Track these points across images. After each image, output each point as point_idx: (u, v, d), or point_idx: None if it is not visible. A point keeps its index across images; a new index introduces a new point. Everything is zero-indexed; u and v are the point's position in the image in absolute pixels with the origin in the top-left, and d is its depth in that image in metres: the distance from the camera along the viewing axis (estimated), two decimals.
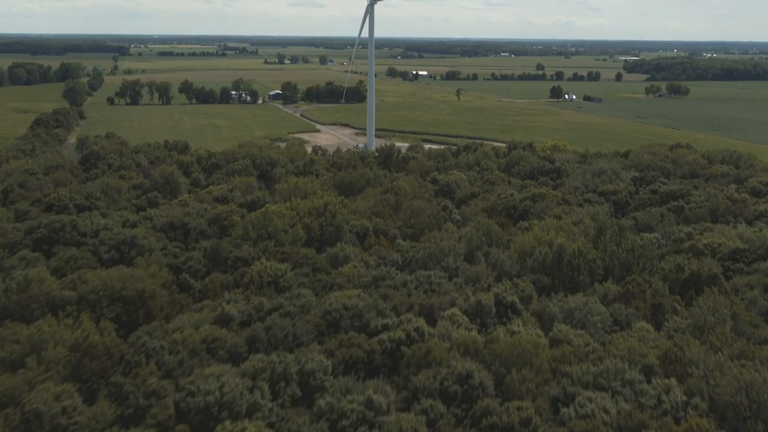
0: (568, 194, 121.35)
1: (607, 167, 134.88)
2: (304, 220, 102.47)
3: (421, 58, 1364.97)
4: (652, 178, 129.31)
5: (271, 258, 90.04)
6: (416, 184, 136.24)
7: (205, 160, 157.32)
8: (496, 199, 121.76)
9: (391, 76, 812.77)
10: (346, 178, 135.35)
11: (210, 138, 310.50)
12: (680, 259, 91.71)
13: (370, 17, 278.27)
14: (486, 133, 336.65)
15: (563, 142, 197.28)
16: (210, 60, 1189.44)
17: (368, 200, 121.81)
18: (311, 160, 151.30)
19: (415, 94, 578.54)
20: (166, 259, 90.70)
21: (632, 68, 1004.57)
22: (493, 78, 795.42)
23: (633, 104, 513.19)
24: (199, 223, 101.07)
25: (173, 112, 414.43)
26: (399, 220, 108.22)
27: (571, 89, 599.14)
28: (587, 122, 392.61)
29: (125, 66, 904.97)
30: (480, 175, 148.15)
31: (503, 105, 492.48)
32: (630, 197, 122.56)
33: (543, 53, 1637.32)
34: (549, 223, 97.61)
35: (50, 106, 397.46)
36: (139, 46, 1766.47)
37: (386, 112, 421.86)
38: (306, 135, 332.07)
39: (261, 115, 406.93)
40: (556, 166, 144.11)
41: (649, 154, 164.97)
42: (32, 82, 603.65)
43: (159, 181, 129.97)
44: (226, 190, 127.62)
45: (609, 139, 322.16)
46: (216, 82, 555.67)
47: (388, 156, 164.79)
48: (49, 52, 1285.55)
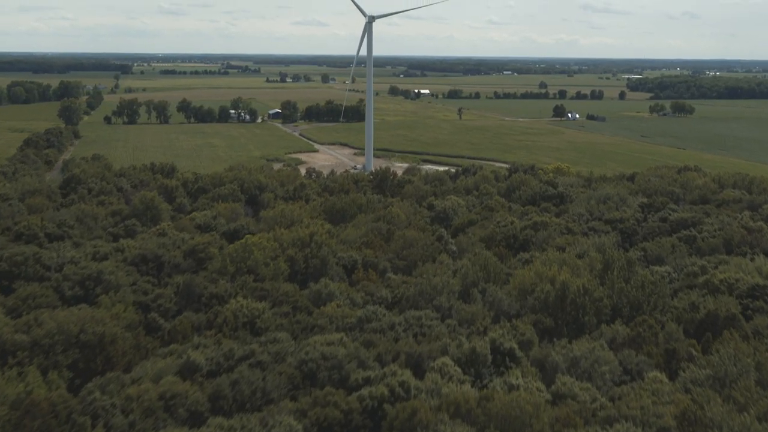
0: (572, 222, 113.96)
1: (613, 192, 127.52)
2: (288, 251, 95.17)
3: (424, 77, 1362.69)
4: (660, 204, 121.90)
5: (248, 295, 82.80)
6: (411, 210, 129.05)
7: (192, 184, 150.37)
8: (495, 227, 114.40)
9: (393, 94, 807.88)
10: (337, 204, 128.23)
11: (205, 158, 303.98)
12: (694, 297, 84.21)
13: (369, 35, 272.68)
14: (487, 153, 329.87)
15: (566, 165, 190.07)
16: (212, 78, 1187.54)
17: (359, 228, 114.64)
18: (301, 184, 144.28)
19: (417, 112, 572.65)
20: (135, 296, 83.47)
21: (636, 86, 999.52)
22: (496, 96, 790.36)
23: (637, 123, 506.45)
24: (173, 255, 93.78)
25: (170, 131, 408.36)
26: (390, 252, 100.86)
27: (574, 108, 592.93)
28: (591, 142, 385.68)
29: (126, 84, 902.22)
30: (479, 200, 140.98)
31: (505, 124, 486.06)
32: (638, 225, 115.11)
33: (546, 71, 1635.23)
34: (551, 256, 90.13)
35: (46, 125, 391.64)
36: (142, 65, 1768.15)
37: (386, 131, 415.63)
38: (304, 155, 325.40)
39: (259, 134, 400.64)
40: (559, 191, 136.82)
41: (656, 178, 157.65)
42: (31, 100, 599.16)
43: (138, 207, 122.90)
44: (210, 217, 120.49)
45: (613, 159, 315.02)
46: (216, 100, 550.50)
47: (383, 180, 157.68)
48: (52, 70, 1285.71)
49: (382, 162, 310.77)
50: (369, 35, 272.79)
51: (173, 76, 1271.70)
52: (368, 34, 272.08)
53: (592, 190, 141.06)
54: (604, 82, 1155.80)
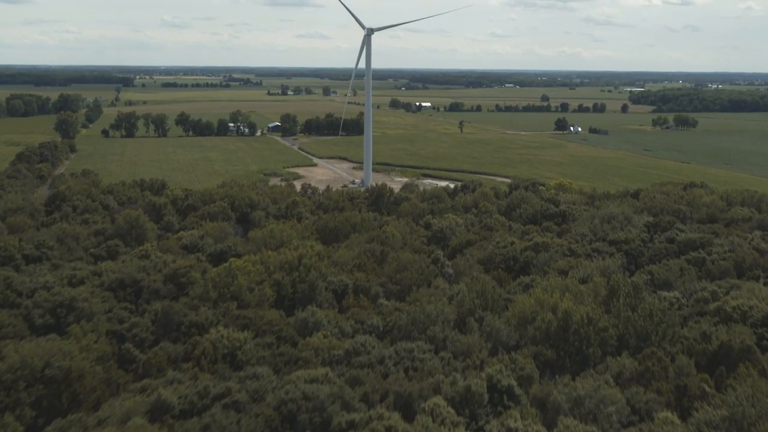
0: (575, 243, 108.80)
1: (618, 211, 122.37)
2: (275, 275, 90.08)
3: (426, 89, 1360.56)
4: (667, 224, 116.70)
5: (230, 324, 77.69)
6: (407, 229, 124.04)
7: (181, 201, 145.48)
8: (494, 248, 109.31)
9: (394, 107, 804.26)
10: (330, 222, 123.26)
11: (201, 172, 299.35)
12: (706, 326, 78.96)
13: (367, 48, 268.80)
14: (488, 168, 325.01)
15: (568, 181, 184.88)
16: (213, 91, 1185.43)
17: (352, 249, 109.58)
18: (294, 202, 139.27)
19: (418, 126, 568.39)
20: (110, 325, 78.38)
21: (638, 99, 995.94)
22: (498, 109, 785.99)
23: (640, 136, 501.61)
24: (153, 280, 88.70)
25: (167, 144, 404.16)
26: (383, 275, 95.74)
27: (576, 121, 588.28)
28: (593, 156, 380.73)
29: (127, 97, 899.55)
30: (478, 219, 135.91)
31: (507, 137, 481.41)
32: (644, 246, 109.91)
33: (548, 84, 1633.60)
34: (553, 281, 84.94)
35: (43, 139, 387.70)
36: (144, 77, 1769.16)
37: (387, 145, 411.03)
38: (302, 169, 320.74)
39: (257, 148, 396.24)
40: (561, 209, 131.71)
41: (662, 195, 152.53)
42: (30, 113, 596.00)
43: (123, 226, 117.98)
44: (197, 237, 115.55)
45: (617, 174, 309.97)
46: (216, 113, 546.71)
47: (380, 197, 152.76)
48: (53, 83, 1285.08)
49: (381, 176, 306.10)
50: (368, 48, 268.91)
51: (174, 88, 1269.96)
52: (367, 46, 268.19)
53: (595, 209, 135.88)
54: (606, 95, 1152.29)
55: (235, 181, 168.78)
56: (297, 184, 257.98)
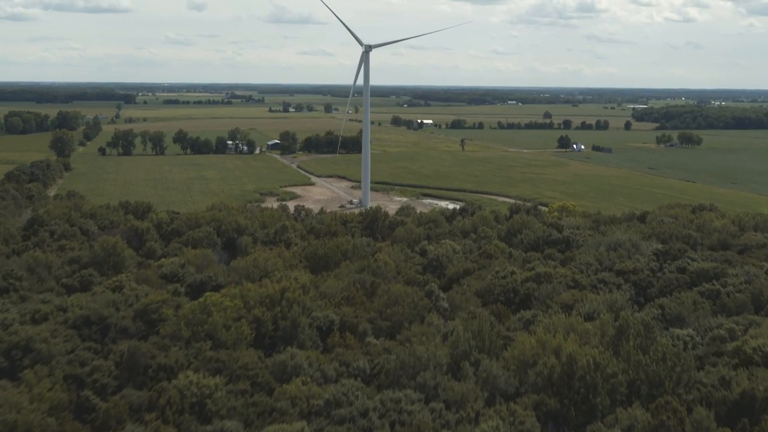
0: (579, 273, 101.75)
1: (624, 238, 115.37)
2: (254, 311, 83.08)
3: (428, 106, 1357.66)
4: (677, 252, 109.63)
5: (202, 367, 70.71)
6: (401, 256, 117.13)
7: (166, 225, 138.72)
8: (493, 278, 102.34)
9: (396, 124, 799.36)
10: (319, 249, 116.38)
11: (196, 192, 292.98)
12: (725, 370, 71.71)
13: (366, 64, 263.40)
14: (490, 187, 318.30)
15: (572, 203, 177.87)
16: (215, 108, 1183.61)
17: (341, 279, 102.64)
18: (283, 226, 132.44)
19: (419, 143, 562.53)
20: (69, 368, 71.31)
21: (641, 116, 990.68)
22: (500, 126, 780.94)
23: (644, 154, 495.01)
24: (122, 316, 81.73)
25: (164, 163, 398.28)
26: (373, 310, 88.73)
27: (579, 138, 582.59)
28: (597, 174, 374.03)
29: (128, 114, 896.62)
30: (477, 245, 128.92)
31: (509, 155, 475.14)
32: (653, 276, 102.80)
33: (550, 101, 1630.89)
34: (556, 320, 77.90)
35: (39, 157, 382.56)
36: (147, 94, 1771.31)
37: (387, 163, 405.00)
38: (299, 188, 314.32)
39: (255, 166, 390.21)
40: (565, 235, 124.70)
41: (670, 219, 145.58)
42: (28, 131, 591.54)
43: (99, 254, 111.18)
44: (178, 266, 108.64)
45: (621, 193, 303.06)
46: (217, 131, 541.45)
47: (374, 221, 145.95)
48: (55, 100, 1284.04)
49: (380, 196, 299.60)
50: (366, 64, 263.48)
51: (176, 106, 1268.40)
52: (365, 63, 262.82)
53: (600, 234, 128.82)
54: (609, 112, 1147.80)
55: (224, 204, 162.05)
56: (292, 204, 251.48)
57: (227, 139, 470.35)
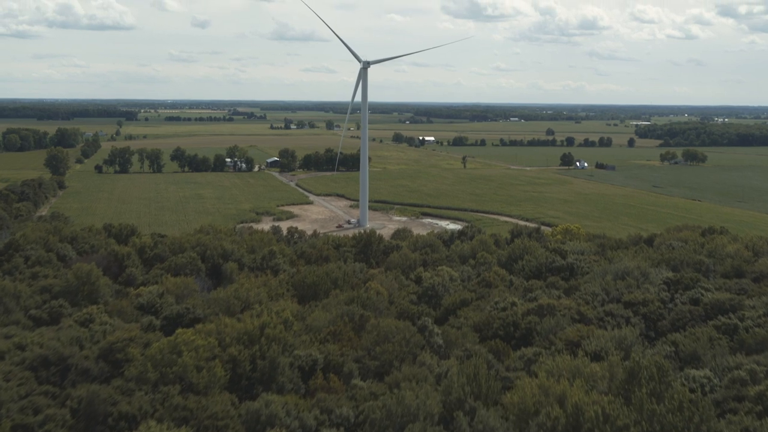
0: (585, 305, 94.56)
1: (632, 266, 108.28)
2: (230, 350, 75.92)
3: (430, 123, 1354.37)
4: (689, 280, 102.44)
5: (167, 416, 63.60)
6: (395, 285, 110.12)
7: (149, 250, 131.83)
8: (491, 310, 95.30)
9: (397, 141, 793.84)
10: (308, 277, 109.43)
11: (191, 211, 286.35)
12: (748, 420, 64.42)
13: (364, 80, 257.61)
14: (491, 206, 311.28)
15: (576, 225, 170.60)
16: (216, 125, 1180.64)
17: (329, 310, 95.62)
18: (271, 251, 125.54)
19: (420, 161, 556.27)
20: (20, 417, 64.22)
21: (644, 133, 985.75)
22: (502, 143, 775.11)
23: (648, 172, 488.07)
24: (84, 356, 74.68)
25: (160, 181, 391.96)
26: (361, 347, 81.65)
27: (582, 155, 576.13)
28: (601, 193, 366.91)
29: (129, 131, 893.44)
30: (475, 271, 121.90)
31: (511, 173, 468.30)
32: (664, 308, 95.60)
33: (553, 118, 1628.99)
34: (560, 361, 70.66)
35: (35, 175, 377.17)
36: (149, 111, 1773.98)
37: (387, 181, 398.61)
38: (296, 207, 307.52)
39: (253, 184, 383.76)
40: (569, 262, 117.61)
41: (679, 242, 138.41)
42: (26, 148, 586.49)
43: (73, 282, 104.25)
44: (155, 295, 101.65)
45: (626, 212, 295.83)
46: (217, 147, 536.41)
47: (368, 245, 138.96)
48: (56, 117, 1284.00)
49: (379, 215, 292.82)
50: (364, 81, 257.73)
51: (178, 122, 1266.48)
52: (363, 79, 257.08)
53: (606, 261, 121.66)
54: (612, 129, 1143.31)
55: (211, 227, 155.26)
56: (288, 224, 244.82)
57: (225, 157, 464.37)
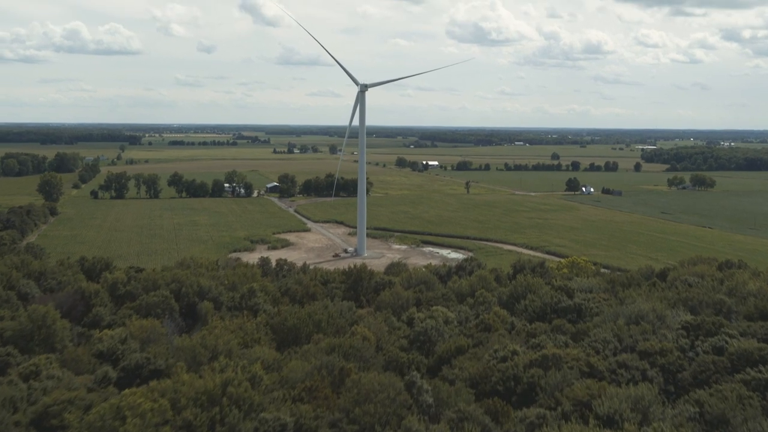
0: (595, 355, 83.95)
1: (647, 308, 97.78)
2: (185, 413, 65.49)
3: (434, 147, 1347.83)
4: (711, 325, 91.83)
5: None
6: (384, 328, 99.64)
7: (122, 286, 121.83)
8: (490, 359, 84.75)
9: (401, 166, 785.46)
10: (288, 319, 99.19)
11: (183, 239, 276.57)
12: None
13: (361, 104, 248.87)
14: (495, 233, 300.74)
15: (583, 257, 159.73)
16: (219, 149, 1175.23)
17: (309, 360, 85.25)
18: (251, 290, 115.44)
19: (423, 186, 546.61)
20: None
21: (651, 157, 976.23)
22: (507, 168, 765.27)
23: (656, 198, 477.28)
24: (14, 422, 64.49)
25: (156, 207, 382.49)
26: (339, 408, 71.13)
27: (588, 180, 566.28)
28: (608, 219, 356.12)
29: (130, 155, 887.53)
30: (474, 312, 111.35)
31: (516, 199, 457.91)
32: (684, 358, 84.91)
33: (558, 142, 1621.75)
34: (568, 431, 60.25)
35: (29, 200, 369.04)
36: (154, 135, 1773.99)
37: (388, 208, 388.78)
38: (293, 235, 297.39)
39: (251, 210, 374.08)
40: (576, 302, 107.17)
41: (695, 278, 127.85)
42: (25, 173, 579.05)
43: (27, 326, 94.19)
44: (118, 341, 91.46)
45: (634, 240, 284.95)
46: (212, 173, 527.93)
47: (358, 281, 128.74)
48: (59, 141, 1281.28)
49: (378, 243, 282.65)
50: (362, 104, 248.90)
51: (181, 147, 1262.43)
52: (361, 103, 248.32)
53: (618, 301, 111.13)
54: (617, 153, 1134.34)
55: (192, 260, 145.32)
56: (281, 254, 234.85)
57: (224, 182, 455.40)
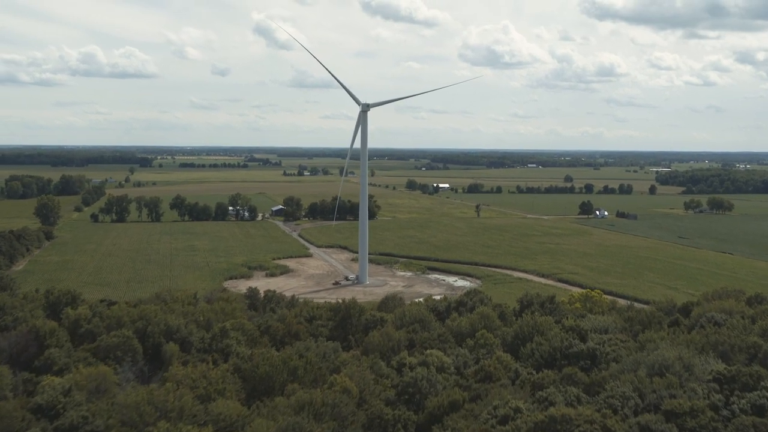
0: (612, 416, 70.81)
1: (672, 356, 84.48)
2: None
3: (446, 170, 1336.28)
4: (748, 378, 78.72)
5: None
6: (370, 376, 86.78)
7: (85, 323, 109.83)
8: (488, 418, 72.02)
9: (411, 188, 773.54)
10: (260, 366, 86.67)
11: (178, 265, 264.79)
12: None
13: (363, 124, 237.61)
14: (504, 259, 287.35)
15: (597, 291, 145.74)
16: (229, 171, 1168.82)
17: (276, 418, 72.74)
18: (223, 330, 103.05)
19: (432, 209, 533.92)
20: None
21: (666, 180, 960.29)
22: (519, 191, 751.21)
23: (672, 222, 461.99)
24: None
25: (155, 231, 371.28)
26: None
27: (602, 203, 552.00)
28: (623, 245, 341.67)
29: (139, 178, 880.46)
30: (473, 356, 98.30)
31: (527, 222, 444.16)
32: (718, 418, 71.64)
33: (571, 164, 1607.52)
34: None
35: (26, 224, 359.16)
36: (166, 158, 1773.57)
37: (394, 232, 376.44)
38: (293, 261, 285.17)
39: (253, 234, 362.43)
40: (590, 346, 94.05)
41: (722, 315, 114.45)
42: (28, 195, 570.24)
43: None
44: (60, 392, 79.18)
45: (651, 267, 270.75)
46: (218, 195, 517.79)
47: (346, 318, 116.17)
48: (71, 163, 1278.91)
49: (382, 270, 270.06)
50: (364, 125, 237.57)
51: (191, 169, 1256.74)
52: (363, 123, 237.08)
53: (638, 345, 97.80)
54: (632, 175, 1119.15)
55: (169, 292, 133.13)
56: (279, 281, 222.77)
57: (228, 205, 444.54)
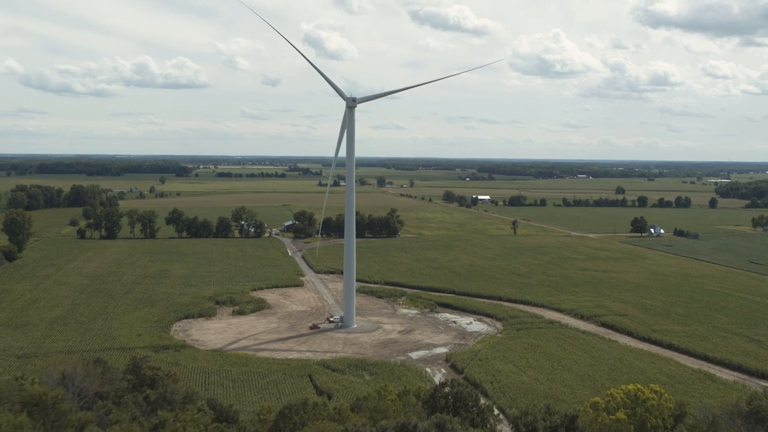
0: None
1: None
2: None
3: (491, 180, 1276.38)
4: None
5: None
6: None
7: None
8: None
9: (448, 200, 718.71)
10: None
11: (132, 299, 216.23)
12: None
13: (350, 122, 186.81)
14: (536, 293, 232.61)
15: (653, 388, 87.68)
16: (264, 181, 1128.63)
17: None
18: None
19: (465, 224, 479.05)
20: None
21: (726, 192, 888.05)
22: (565, 204, 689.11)
23: (740, 242, 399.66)
24: None
25: (137, 250, 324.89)
26: None
27: (657, 218, 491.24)
28: (684, 272, 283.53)
29: (166, 188, 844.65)
30: None
31: (570, 242, 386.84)
32: None
33: (624, 174, 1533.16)
34: None
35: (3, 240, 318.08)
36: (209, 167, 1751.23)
37: (412, 254, 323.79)
38: (277, 292, 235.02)
39: (248, 255, 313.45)
40: None
41: None
42: (34, 207, 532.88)
43: None
44: None
45: (721, 306, 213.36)
46: (219, 208, 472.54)
47: None
48: (106, 172, 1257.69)
49: (382, 305, 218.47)
50: (350, 121, 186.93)
51: (228, 179, 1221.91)
52: (349, 120, 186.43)
53: None
54: (689, 187, 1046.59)
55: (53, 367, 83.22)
56: (240, 323, 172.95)
57: (231, 220, 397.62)
